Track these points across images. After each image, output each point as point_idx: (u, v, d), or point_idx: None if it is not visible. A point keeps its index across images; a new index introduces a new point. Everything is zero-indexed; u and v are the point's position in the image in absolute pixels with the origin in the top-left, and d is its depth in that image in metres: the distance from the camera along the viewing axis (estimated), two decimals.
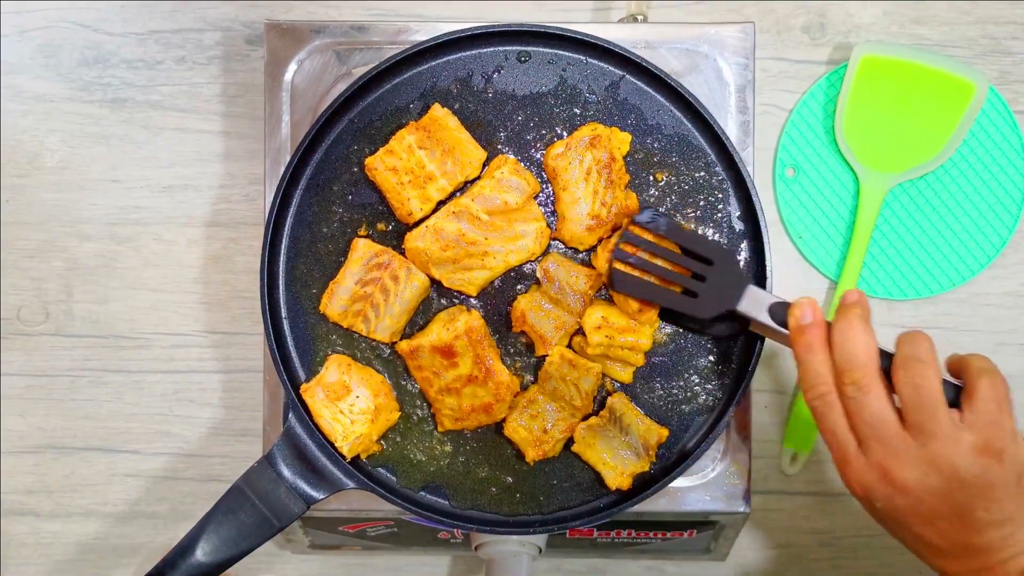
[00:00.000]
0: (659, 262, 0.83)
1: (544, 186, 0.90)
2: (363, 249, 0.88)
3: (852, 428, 0.75)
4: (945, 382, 0.74)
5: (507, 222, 0.87)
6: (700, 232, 0.90)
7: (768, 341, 0.87)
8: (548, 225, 0.89)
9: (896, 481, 0.73)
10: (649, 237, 0.83)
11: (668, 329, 0.90)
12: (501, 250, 0.87)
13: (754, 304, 0.80)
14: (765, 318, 0.79)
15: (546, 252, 0.90)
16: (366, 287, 0.88)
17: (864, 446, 0.74)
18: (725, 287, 0.81)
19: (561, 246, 0.90)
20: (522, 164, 0.89)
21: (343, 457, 0.87)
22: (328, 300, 0.89)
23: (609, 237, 0.88)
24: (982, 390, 0.74)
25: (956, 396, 0.75)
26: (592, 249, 0.90)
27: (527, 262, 0.89)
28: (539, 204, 0.90)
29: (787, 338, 0.79)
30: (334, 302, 0.89)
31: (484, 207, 0.87)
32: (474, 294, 0.89)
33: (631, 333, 0.87)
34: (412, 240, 0.87)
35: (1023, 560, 0.73)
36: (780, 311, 0.79)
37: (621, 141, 0.89)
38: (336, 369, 0.87)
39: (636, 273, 0.83)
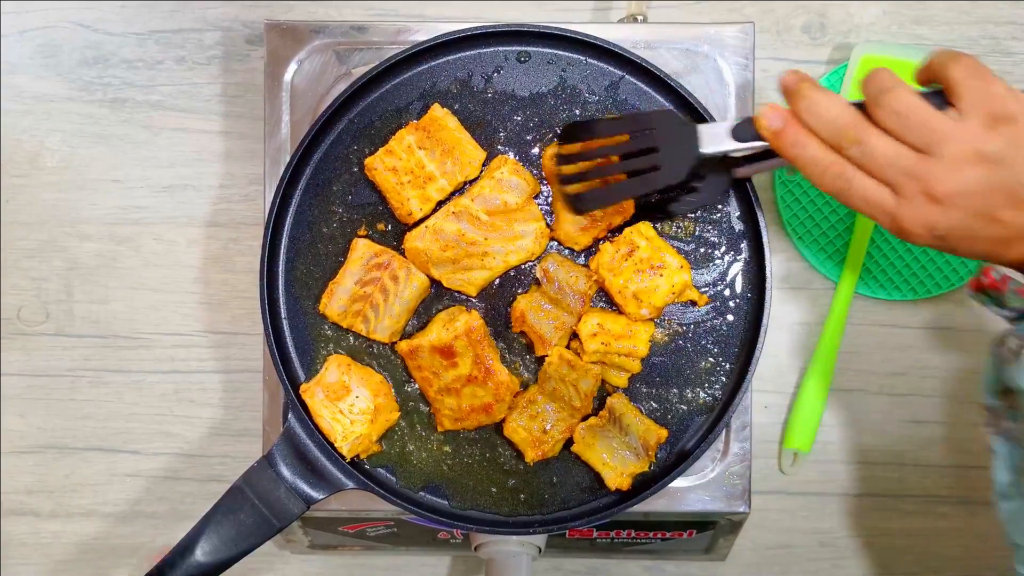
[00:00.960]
0: (603, 162, 0.81)
1: (545, 188, 0.90)
2: (363, 249, 0.88)
3: (877, 181, 0.72)
4: (924, 94, 0.73)
5: (507, 222, 0.87)
6: (699, 232, 0.90)
7: (768, 344, 0.87)
8: (548, 226, 0.89)
9: (943, 198, 0.71)
10: (578, 148, 0.81)
11: (668, 329, 0.90)
12: (501, 250, 0.87)
13: (715, 138, 0.78)
14: (732, 144, 0.77)
15: (546, 252, 0.90)
16: (366, 287, 0.88)
17: (898, 190, 0.72)
18: (680, 143, 0.78)
19: (561, 247, 0.90)
20: (521, 164, 0.89)
21: (343, 457, 0.87)
22: (328, 300, 0.89)
23: (604, 240, 0.88)
24: (956, 76, 0.72)
25: (943, 100, 0.73)
26: (587, 250, 0.90)
27: (527, 262, 0.89)
28: (539, 205, 0.90)
29: (767, 154, 0.77)
30: (334, 302, 0.89)
31: (484, 207, 0.87)
32: (474, 294, 0.89)
33: (628, 340, 0.87)
34: (412, 240, 0.87)
35: None
36: (746, 128, 0.77)
37: None
38: (336, 369, 0.87)
39: (590, 187, 0.80)
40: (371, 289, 0.88)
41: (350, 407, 0.87)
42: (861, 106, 0.74)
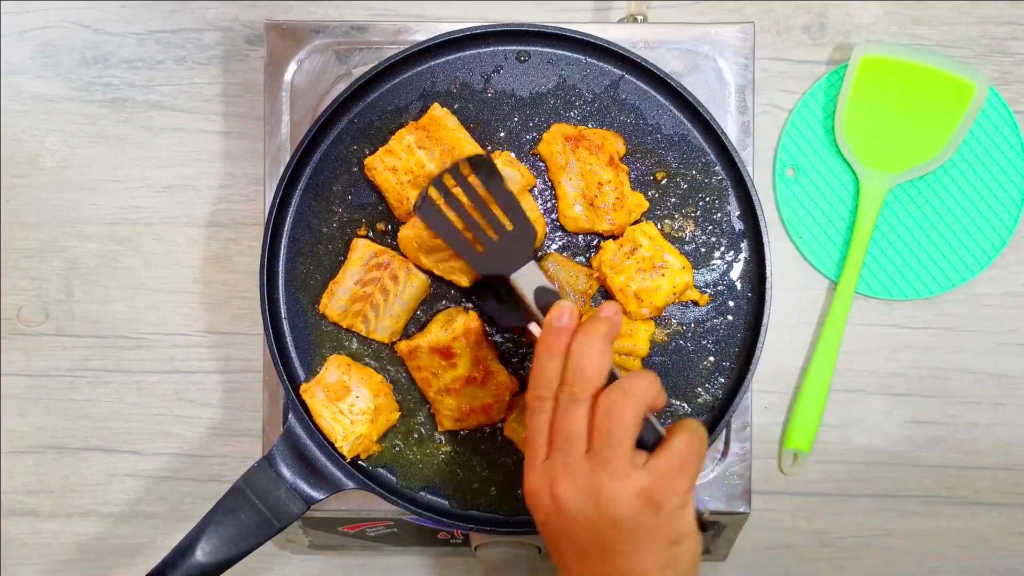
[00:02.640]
0: (469, 208, 0.81)
1: (548, 187, 0.90)
2: (363, 249, 0.88)
3: (550, 437, 0.72)
4: (648, 424, 0.72)
5: None
6: (699, 231, 0.90)
7: (768, 344, 0.87)
8: (547, 220, 0.89)
9: (558, 498, 0.70)
10: (472, 180, 0.81)
11: (668, 329, 0.90)
12: None
13: (526, 280, 0.78)
14: (530, 298, 0.77)
15: (546, 253, 0.90)
16: (366, 287, 0.88)
17: (550, 456, 0.71)
18: (511, 254, 0.79)
19: (561, 248, 0.90)
20: (516, 159, 0.89)
21: (343, 457, 0.87)
22: (328, 300, 0.89)
23: (607, 239, 0.88)
24: (674, 443, 0.71)
25: (655, 444, 0.72)
26: (590, 248, 0.90)
27: None
28: (540, 204, 0.90)
29: (536, 326, 0.77)
30: (334, 302, 0.89)
31: None
32: (467, 284, 0.88)
33: (628, 339, 0.87)
34: (403, 230, 0.87)
35: None
36: (545, 297, 0.77)
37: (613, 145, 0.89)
38: (336, 369, 0.87)
39: (444, 209, 0.81)
40: (371, 289, 0.88)
41: (350, 407, 0.87)
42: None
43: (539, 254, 0.88)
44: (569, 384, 0.71)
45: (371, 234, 0.90)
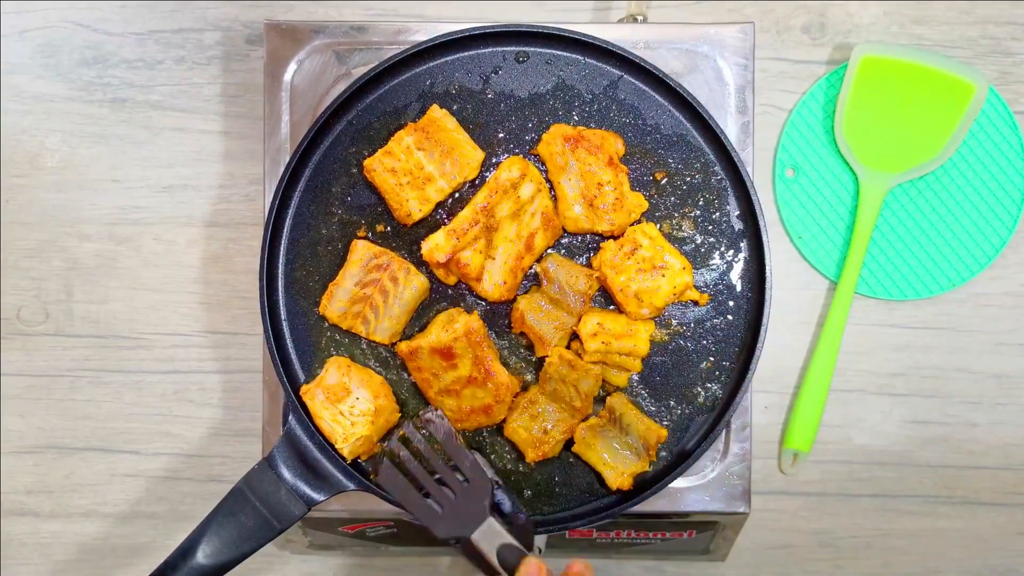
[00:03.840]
0: (426, 469, 0.82)
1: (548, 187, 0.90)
2: (362, 251, 0.88)
3: None
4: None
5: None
6: (699, 231, 0.90)
7: (768, 344, 0.87)
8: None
9: None
10: (423, 438, 0.82)
11: (668, 329, 0.90)
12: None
13: (488, 538, 0.78)
14: (493, 558, 0.78)
15: (545, 253, 0.90)
16: (365, 289, 0.88)
17: None
18: (469, 512, 0.80)
19: (562, 248, 0.90)
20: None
21: (343, 458, 0.87)
22: (327, 302, 0.89)
23: (607, 239, 0.88)
24: None
25: None
26: (590, 248, 0.90)
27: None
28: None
29: None
30: (333, 304, 0.89)
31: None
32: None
33: (628, 339, 0.87)
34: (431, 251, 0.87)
35: None
36: (509, 556, 0.77)
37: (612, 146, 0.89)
38: (336, 371, 0.87)
39: (399, 472, 0.81)
40: (371, 291, 0.88)
41: (351, 409, 0.87)
42: None
43: (496, 502, 0.84)
44: None
45: (370, 235, 0.90)
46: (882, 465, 1.05)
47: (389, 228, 0.90)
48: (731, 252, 0.90)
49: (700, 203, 0.90)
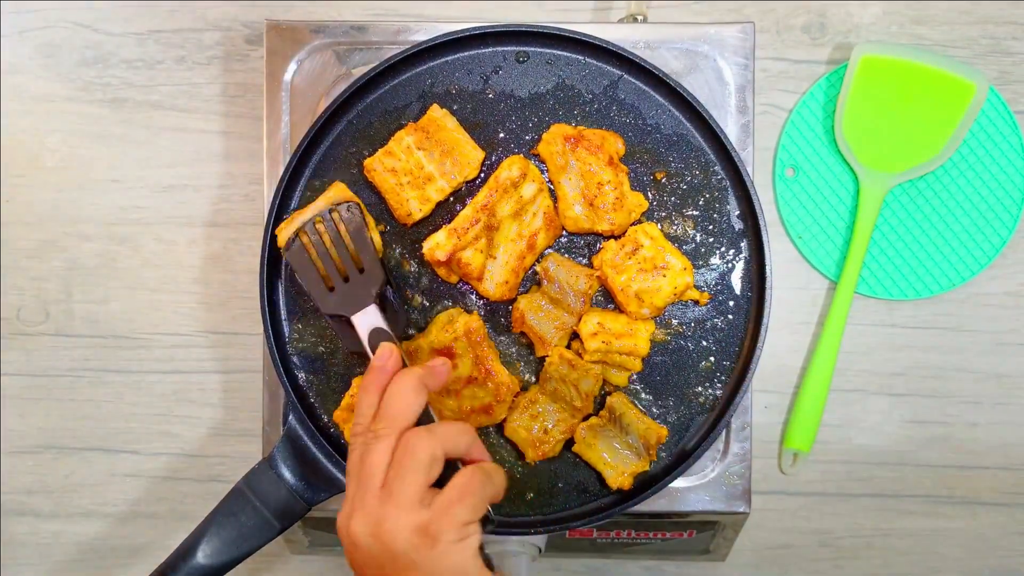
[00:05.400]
0: (333, 254, 0.85)
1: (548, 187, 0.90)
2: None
3: (357, 474, 0.73)
4: (448, 462, 0.73)
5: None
6: (699, 231, 0.90)
7: (768, 344, 0.87)
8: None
9: (352, 532, 0.71)
10: (339, 226, 0.85)
11: (668, 328, 0.90)
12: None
13: (364, 322, 0.83)
14: (364, 337, 0.82)
15: (545, 253, 0.90)
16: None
17: (355, 492, 0.72)
18: (357, 296, 0.84)
19: (561, 248, 0.90)
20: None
21: (344, 459, 0.87)
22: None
23: (607, 239, 0.88)
24: (456, 478, 0.72)
25: (451, 470, 0.73)
26: (590, 248, 0.90)
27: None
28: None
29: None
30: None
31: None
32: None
33: (628, 338, 0.87)
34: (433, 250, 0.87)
35: None
36: (377, 339, 0.82)
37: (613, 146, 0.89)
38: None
39: (311, 253, 0.85)
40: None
41: None
42: None
43: (385, 296, 0.88)
44: (376, 420, 0.74)
45: None
46: (882, 465, 1.05)
47: (389, 228, 0.90)
48: (731, 252, 0.90)
49: (700, 203, 0.90)
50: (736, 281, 0.90)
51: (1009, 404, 1.04)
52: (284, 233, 0.86)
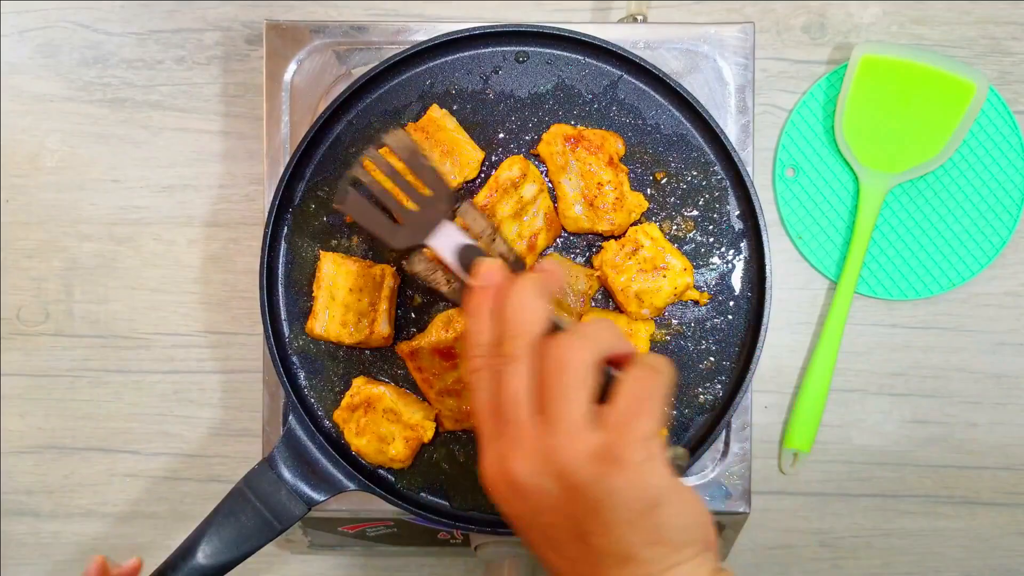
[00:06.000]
0: (390, 188, 0.76)
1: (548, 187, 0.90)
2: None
3: (495, 410, 0.62)
4: (611, 377, 0.62)
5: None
6: (699, 231, 0.90)
7: (768, 344, 0.87)
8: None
9: (511, 476, 0.60)
10: (392, 160, 0.77)
11: (668, 329, 0.90)
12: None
13: (446, 244, 0.72)
14: (451, 260, 0.72)
15: (545, 253, 0.90)
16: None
17: (499, 432, 0.61)
18: (428, 219, 0.74)
19: (561, 248, 0.90)
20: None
21: (345, 459, 0.87)
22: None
23: (607, 239, 0.88)
24: (625, 383, 0.60)
25: (606, 391, 0.62)
26: (590, 248, 0.90)
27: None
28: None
29: (463, 291, 0.70)
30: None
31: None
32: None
33: (628, 339, 0.87)
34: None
35: None
36: (469, 256, 0.71)
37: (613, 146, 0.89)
38: (362, 390, 0.88)
39: (361, 196, 0.75)
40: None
41: (387, 432, 0.87)
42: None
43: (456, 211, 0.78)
44: (504, 343, 0.62)
45: (369, 236, 0.90)
46: (882, 465, 1.05)
47: None
48: (731, 252, 0.90)
49: (700, 203, 0.90)
50: (736, 281, 0.90)
51: (1009, 404, 1.04)
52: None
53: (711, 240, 0.90)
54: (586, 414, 0.59)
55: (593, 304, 0.90)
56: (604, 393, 0.61)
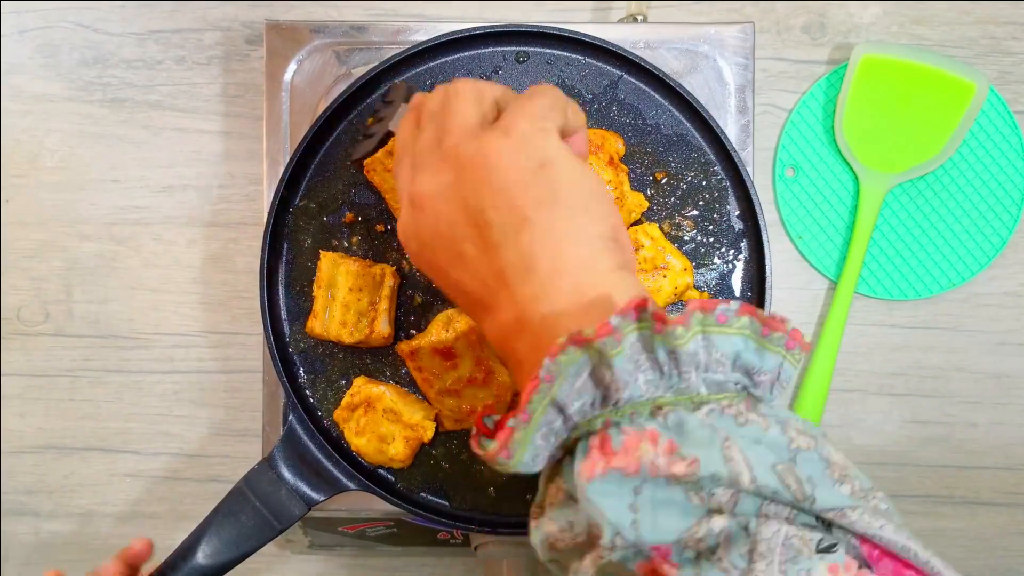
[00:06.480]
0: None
1: None
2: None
3: (411, 169, 0.63)
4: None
5: None
6: (699, 231, 0.90)
7: None
8: None
9: (416, 195, 0.61)
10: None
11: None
12: None
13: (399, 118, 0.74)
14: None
15: None
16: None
17: (407, 160, 0.63)
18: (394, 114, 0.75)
19: None
20: None
21: (345, 459, 0.87)
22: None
23: None
24: (527, 91, 0.63)
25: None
26: None
27: None
28: None
29: None
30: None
31: None
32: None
33: None
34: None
35: (556, 311, 0.56)
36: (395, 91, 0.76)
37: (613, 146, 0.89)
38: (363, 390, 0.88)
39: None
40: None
41: (386, 433, 0.87)
42: None
43: None
44: (424, 115, 0.65)
45: (369, 237, 0.90)
46: (882, 465, 1.05)
47: (389, 228, 0.90)
48: (731, 252, 0.90)
49: (700, 203, 0.90)
50: (736, 281, 0.90)
51: (1009, 404, 1.04)
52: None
53: (711, 240, 0.90)
54: (479, 124, 0.61)
55: None
56: None
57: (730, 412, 0.53)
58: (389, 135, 0.75)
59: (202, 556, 0.83)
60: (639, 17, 0.98)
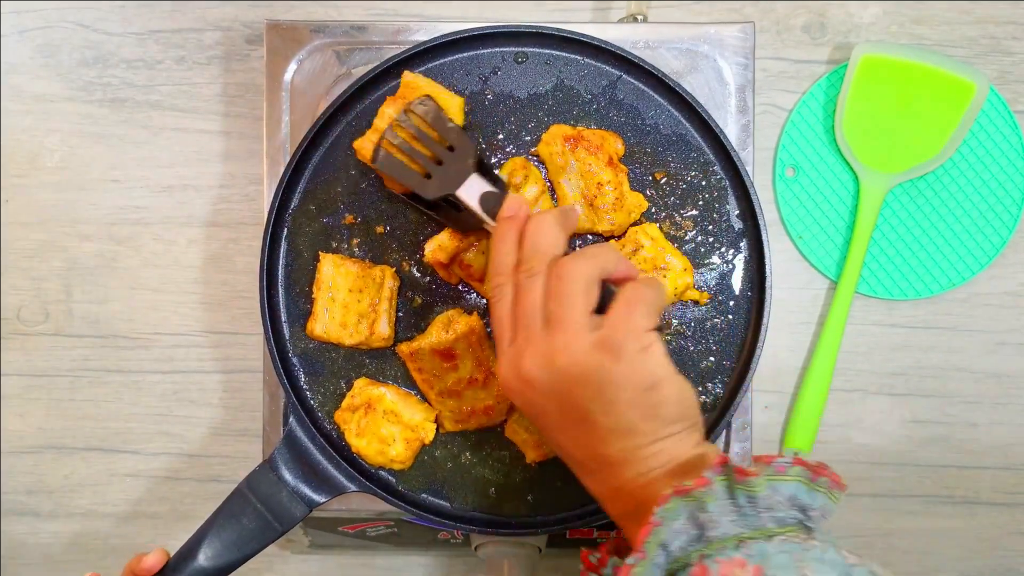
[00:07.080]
0: (418, 147, 0.83)
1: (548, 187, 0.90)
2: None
3: (512, 321, 0.72)
4: (609, 292, 0.72)
5: None
6: (699, 231, 0.90)
7: (768, 344, 0.87)
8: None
9: (524, 373, 0.70)
10: (418, 123, 0.83)
11: (668, 329, 0.90)
12: None
13: (471, 192, 0.81)
14: (475, 206, 0.80)
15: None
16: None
17: (515, 336, 0.72)
18: (456, 172, 0.81)
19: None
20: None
21: (345, 460, 0.87)
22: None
23: (611, 239, 0.88)
24: (622, 291, 0.71)
25: (607, 299, 0.72)
26: (588, 237, 0.90)
27: None
28: (538, 208, 0.90)
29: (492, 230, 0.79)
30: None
31: None
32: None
33: None
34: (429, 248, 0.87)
35: (653, 478, 0.69)
36: (491, 201, 0.80)
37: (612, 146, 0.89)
38: (363, 391, 0.88)
39: (399, 156, 0.83)
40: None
41: (387, 435, 0.87)
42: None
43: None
44: (526, 262, 0.73)
45: (369, 238, 0.90)
46: (882, 465, 1.05)
47: (388, 228, 0.90)
48: (731, 252, 0.90)
49: (700, 203, 0.90)
50: (736, 281, 0.90)
51: (1009, 404, 1.05)
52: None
53: (711, 240, 0.90)
54: (586, 316, 0.69)
55: None
56: (608, 307, 0.71)
57: (796, 540, 0.63)
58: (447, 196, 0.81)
59: (204, 558, 0.83)
60: (639, 17, 0.97)
